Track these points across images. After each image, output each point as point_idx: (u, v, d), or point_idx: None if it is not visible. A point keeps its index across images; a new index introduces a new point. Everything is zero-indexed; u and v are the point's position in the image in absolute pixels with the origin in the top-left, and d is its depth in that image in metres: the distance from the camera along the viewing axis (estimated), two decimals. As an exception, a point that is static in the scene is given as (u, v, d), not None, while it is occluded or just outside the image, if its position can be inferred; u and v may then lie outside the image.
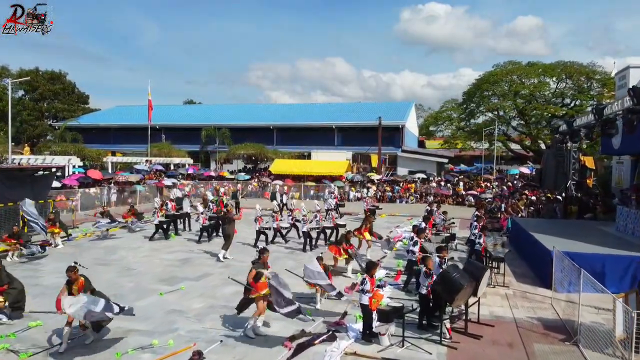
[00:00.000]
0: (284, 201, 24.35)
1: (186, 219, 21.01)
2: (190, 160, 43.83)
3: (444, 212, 17.38)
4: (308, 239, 16.94)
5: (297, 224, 18.68)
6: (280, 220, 18.53)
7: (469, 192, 34.96)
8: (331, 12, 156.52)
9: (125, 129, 51.54)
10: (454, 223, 19.18)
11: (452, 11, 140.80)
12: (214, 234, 19.29)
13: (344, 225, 19.27)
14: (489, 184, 36.70)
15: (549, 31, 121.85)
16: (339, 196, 28.40)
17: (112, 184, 29.12)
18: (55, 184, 26.03)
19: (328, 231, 18.22)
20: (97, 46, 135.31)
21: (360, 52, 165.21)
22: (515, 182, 35.31)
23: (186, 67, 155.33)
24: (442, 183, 38.05)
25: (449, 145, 59.15)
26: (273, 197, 26.47)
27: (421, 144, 61.58)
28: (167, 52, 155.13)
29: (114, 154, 50.61)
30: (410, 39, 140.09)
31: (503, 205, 24.84)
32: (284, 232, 18.27)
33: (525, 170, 40.73)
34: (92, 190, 27.86)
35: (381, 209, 26.43)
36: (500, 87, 52.06)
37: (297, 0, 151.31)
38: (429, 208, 18.46)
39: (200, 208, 19.37)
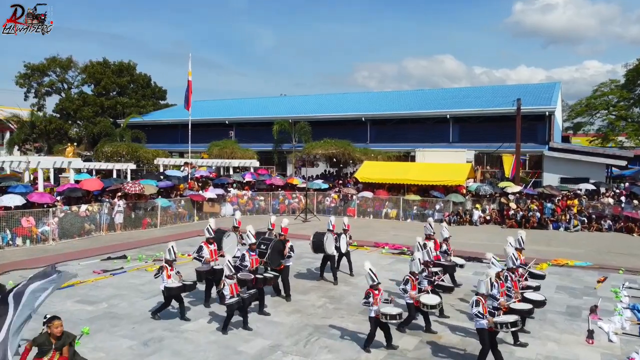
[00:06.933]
0: (341, 247, 12.45)
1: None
2: (256, 163, 33.87)
3: None
4: None
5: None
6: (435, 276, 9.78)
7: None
8: (438, 8, 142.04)
9: (195, 126, 43.38)
10: None
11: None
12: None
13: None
14: None
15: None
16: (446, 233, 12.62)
17: (117, 198, 19.89)
18: (18, 200, 17.45)
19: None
20: (213, 54, 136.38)
21: (470, 48, 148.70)
22: None
23: (294, 70, 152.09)
24: (624, 198, 24.06)
25: (602, 141, 44.41)
26: (318, 247, 12.24)
27: (565, 140, 46.33)
28: (276, 57, 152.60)
29: (182, 155, 43.17)
30: (524, 31, 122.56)
31: None
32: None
33: None
34: (84, 208, 18.85)
35: (537, 264, 12.67)
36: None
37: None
38: None
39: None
